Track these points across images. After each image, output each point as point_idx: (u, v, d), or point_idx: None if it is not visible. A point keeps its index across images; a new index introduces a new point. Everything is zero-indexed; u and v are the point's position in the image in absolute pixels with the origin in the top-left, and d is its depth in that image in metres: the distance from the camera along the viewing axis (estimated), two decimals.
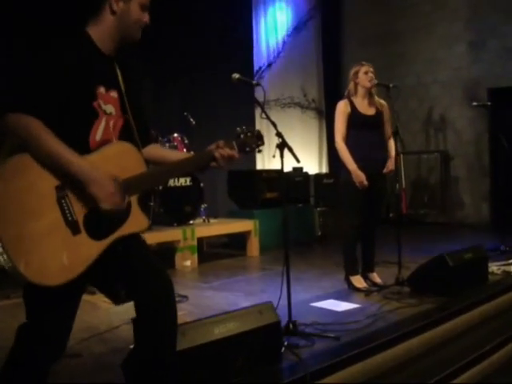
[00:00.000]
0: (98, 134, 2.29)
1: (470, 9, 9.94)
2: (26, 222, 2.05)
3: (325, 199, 8.42)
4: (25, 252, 2.02)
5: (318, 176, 8.86)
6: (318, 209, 8.37)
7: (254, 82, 3.78)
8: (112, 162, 2.27)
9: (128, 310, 4.41)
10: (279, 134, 3.56)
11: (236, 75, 3.67)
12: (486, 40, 9.78)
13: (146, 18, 2.40)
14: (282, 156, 3.60)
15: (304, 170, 8.62)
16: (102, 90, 2.31)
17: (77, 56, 2.22)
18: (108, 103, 2.33)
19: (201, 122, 7.55)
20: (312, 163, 10.00)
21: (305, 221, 8.17)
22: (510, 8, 9.45)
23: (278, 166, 3.82)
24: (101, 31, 2.33)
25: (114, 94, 2.37)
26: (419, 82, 10.58)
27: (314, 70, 10.51)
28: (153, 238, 6.08)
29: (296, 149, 9.53)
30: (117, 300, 2.43)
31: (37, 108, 2.11)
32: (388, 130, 5.13)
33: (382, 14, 10.93)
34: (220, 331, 2.88)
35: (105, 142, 2.30)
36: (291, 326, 3.57)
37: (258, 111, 9.24)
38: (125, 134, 2.41)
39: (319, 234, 8.26)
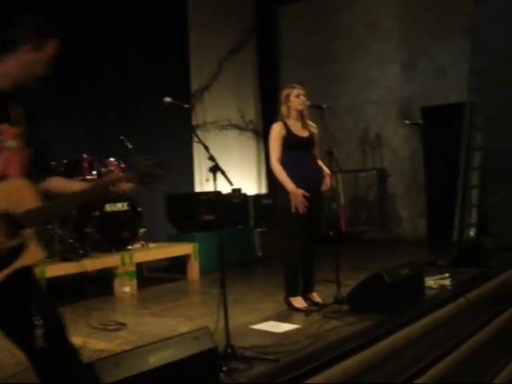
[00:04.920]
0: None
1: (402, 30, 10.21)
2: None
3: (264, 220, 8.44)
4: None
5: (256, 197, 8.88)
6: (258, 229, 8.38)
7: (186, 105, 3.75)
8: (5, 196, 2.30)
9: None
10: (211, 158, 3.56)
11: (167, 99, 3.65)
12: (418, 60, 10.05)
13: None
14: (214, 179, 3.57)
15: (243, 191, 8.63)
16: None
17: None
18: (9, 139, 2.37)
19: (137, 146, 7.47)
20: (251, 184, 10.02)
21: (245, 242, 8.17)
22: (440, 28, 9.75)
23: (217, 188, 3.80)
24: (1, 71, 2.41)
25: (15, 129, 2.41)
26: (354, 101, 10.77)
27: (250, 92, 10.59)
28: (90, 264, 5.98)
29: (234, 170, 9.58)
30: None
31: None
32: (317, 151, 5.20)
33: (318, 35, 11.12)
34: (156, 360, 2.82)
35: (4, 176, 2.34)
36: (229, 350, 3.53)
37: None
38: (25, 168, 2.46)
39: (260, 254, 8.26)
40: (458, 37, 9.49)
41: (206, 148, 3.62)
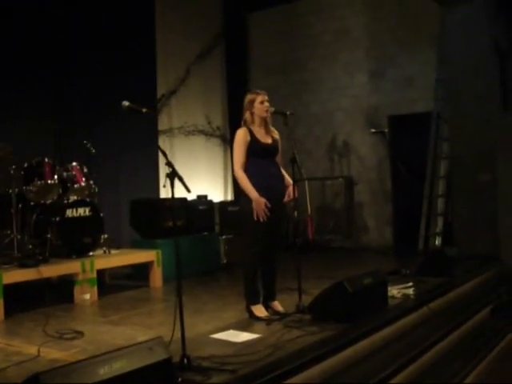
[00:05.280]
0: None
1: (370, 38, 10.24)
2: None
3: (230, 227, 8.36)
4: None
5: (222, 204, 8.80)
6: (224, 237, 8.29)
7: (144, 109, 3.65)
8: None
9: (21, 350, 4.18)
10: (169, 164, 3.47)
11: (126, 103, 3.57)
12: (386, 69, 10.09)
13: None
14: (172, 186, 3.49)
15: (209, 198, 8.55)
16: None
17: None
18: None
19: (102, 151, 7.36)
20: (217, 191, 9.94)
21: (210, 249, 8.09)
22: (406, 38, 9.80)
23: (183, 195, 3.72)
24: None
25: None
26: (323, 109, 10.77)
27: (218, 98, 10.51)
28: (48, 270, 5.84)
29: (200, 176, 9.48)
30: None
31: None
32: (280, 159, 5.13)
33: (287, 42, 11.12)
34: (105, 372, 2.71)
35: None
36: (185, 360, 3.44)
37: (161, 139, 9.13)
38: None
39: (224, 262, 8.18)
40: (426, 46, 9.56)
41: (164, 154, 3.53)
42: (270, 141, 5.02)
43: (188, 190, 3.45)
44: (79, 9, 7.83)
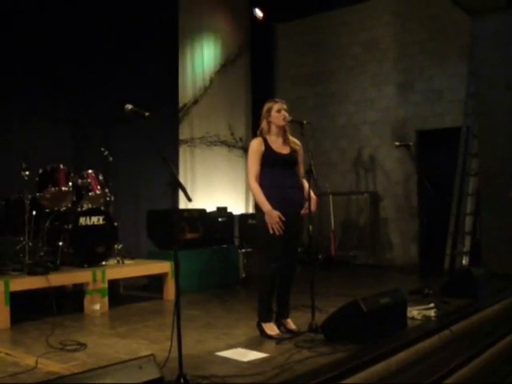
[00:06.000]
0: None
1: (398, 50, 10.01)
2: None
3: (250, 240, 8.15)
4: None
5: (242, 216, 8.61)
6: (243, 250, 8.10)
7: (147, 113, 3.49)
8: None
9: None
10: (171, 172, 3.27)
11: (129, 106, 3.43)
12: (414, 81, 9.84)
13: None
14: (173, 194, 3.31)
15: (229, 210, 8.38)
16: None
17: None
18: None
19: (120, 160, 7.24)
20: (238, 203, 9.74)
21: (228, 262, 7.90)
22: (436, 50, 9.55)
23: (202, 206, 3.54)
24: None
25: None
26: (349, 121, 10.56)
27: (242, 108, 10.33)
28: (58, 279, 5.69)
29: (221, 188, 9.28)
30: None
31: None
32: (301, 169, 4.90)
33: (314, 53, 10.96)
34: None
35: None
36: (182, 380, 3.23)
37: (182, 149, 8.98)
38: None
39: (243, 275, 7.97)
40: (456, 58, 9.31)
41: (164, 159, 3.32)
42: (286, 151, 4.81)
43: (189, 199, 3.26)
44: (102, 14, 7.73)
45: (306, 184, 4.81)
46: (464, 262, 8.60)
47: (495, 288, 6.90)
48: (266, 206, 4.57)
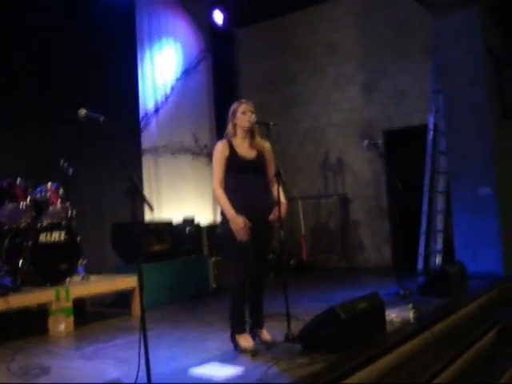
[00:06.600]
0: None
1: (362, 50, 9.92)
2: None
3: (219, 249, 7.94)
4: None
5: (211, 226, 8.40)
6: (213, 259, 7.87)
7: (102, 117, 3.27)
8: None
9: None
10: (133, 183, 3.06)
11: (83, 111, 3.23)
12: (379, 81, 9.75)
13: None
14: (134, 204, 3.09)
15: (197, 219, 8.18)
16: None
17: None
18: None
19: (80, 171, 6.95)
20: (205, 212, 9.49)
21: (198, 273, 7.69)
22: (400, 49, 9.47)
23: (169, 216, 3.33)
24: None
25: None
26: (314, 124, 10.42)
27: (205, 115, 10.09)
28: (18, 300, 5.38)
29: (188, 197, 8.96)
30: None
31: None
32: (271, 173, 4.67)
33: (276, 57, 10.84)
34: None
35: None
36: None
37: (145, 158, 8.73)
38: None
39: (214, 286, 7.75)
40: (419, 57, 9.24)
41: (124, 167, 3.10)
42: (253, 155, 4.59)
43: (151, 208, 3.04)
44: (57, 19, 7.43)
45: (276, 189, 4.57)
46: (437, 260, 8.51)
47: (470, 286, 6.82)
48: (230, 212, 4.35)
